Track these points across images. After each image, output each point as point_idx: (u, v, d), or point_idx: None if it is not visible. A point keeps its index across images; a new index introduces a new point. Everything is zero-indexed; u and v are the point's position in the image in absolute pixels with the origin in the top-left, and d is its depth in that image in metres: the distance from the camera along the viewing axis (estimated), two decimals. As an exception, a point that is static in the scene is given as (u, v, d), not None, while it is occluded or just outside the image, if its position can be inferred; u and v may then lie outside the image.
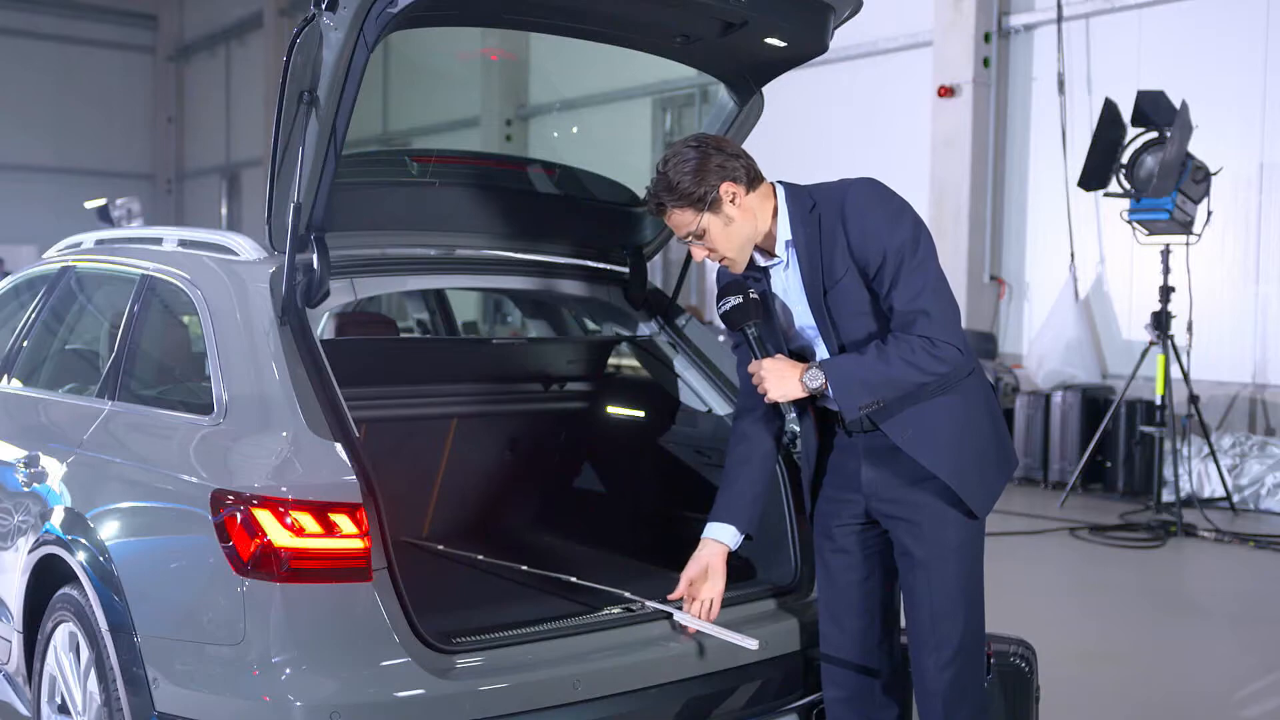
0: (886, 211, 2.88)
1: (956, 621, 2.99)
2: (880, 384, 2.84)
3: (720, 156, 2.89)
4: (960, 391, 2.96)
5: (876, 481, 3.02)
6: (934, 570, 2.98)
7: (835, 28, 3.41)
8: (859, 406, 2.88)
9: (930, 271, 2.86)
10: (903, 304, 2.84)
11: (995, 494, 3.04)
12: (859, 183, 2.96)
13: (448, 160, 3.77)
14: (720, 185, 2.87)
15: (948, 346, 2.82)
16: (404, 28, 3.03)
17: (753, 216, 2.93)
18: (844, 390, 2.86)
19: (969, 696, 3.03)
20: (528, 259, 3.78)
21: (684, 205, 2.88)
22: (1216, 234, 9.21)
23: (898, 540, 3.04)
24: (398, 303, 9.50)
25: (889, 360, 2.82)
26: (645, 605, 3.19)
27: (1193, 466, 8.71)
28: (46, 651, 3.33)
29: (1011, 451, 3.13)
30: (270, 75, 21.26)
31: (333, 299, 3.25)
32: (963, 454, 2.96)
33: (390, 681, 2.70)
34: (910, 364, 2.81)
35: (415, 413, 4.19)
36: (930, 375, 2.83)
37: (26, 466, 3.54)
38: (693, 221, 2.89)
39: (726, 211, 2.89)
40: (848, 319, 2.94)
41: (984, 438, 3.01)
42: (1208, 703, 4.80)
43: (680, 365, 3.95)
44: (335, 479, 2.74)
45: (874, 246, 2.85)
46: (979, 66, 11.05)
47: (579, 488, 4.51)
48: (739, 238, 2.93)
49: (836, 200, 2.92)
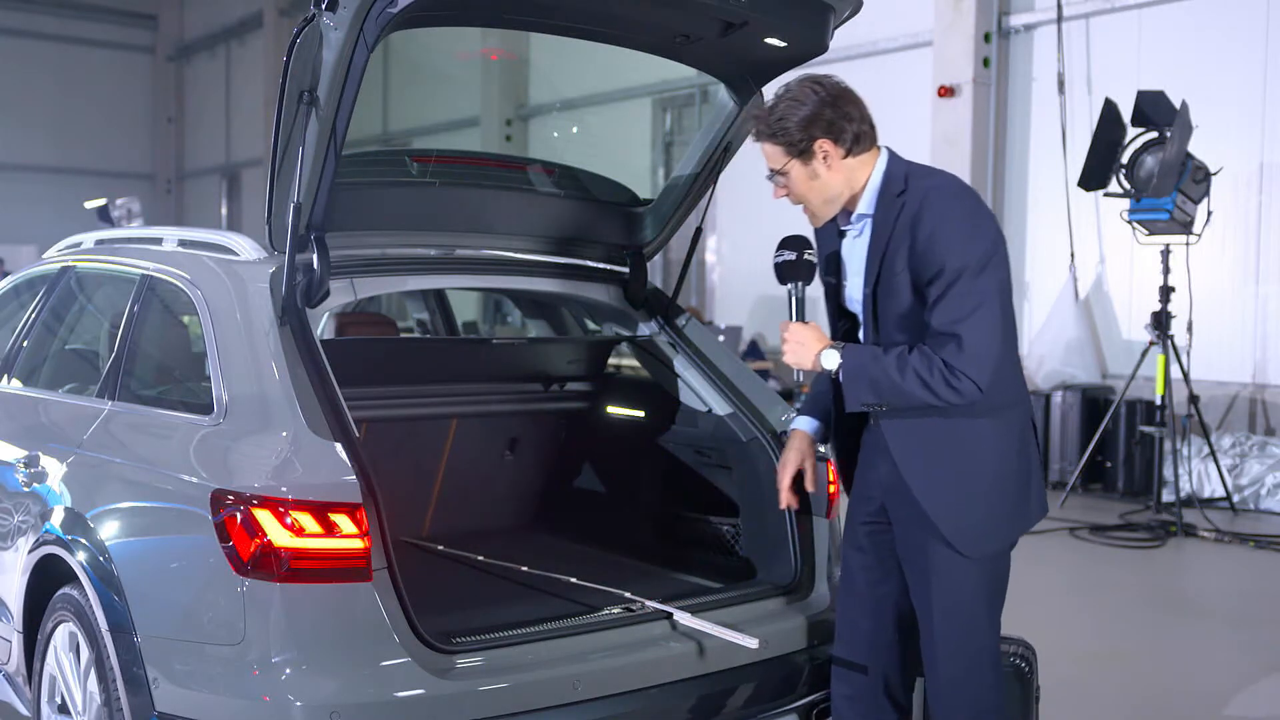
0: (962, 228, 2.80)
1: (952, 645, 2.93)
2: (888, 390, 2.81)
3: (834, 112, 2.85)
4: (982, 430, 2.87)
5: (893, 477, 2.96)
6: (935, 589, 2.91)
7: (835, 28, 3.41)
8: (861, 402, 2.86)
9: (983, 301, 2.76)
10: (939, 324, 2.77)
11: (999, 540, 2.93)
12: (949, 185, 2.89)
13: (448, 160, 3.77)
14: (818, 140, 2.85)
15: (966, 380, 2.73)
16: (404, 28, 3.03)
17: (843, 178, 2.90)
18: (852, 382, 2.84)
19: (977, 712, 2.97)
20: (528, 259, 3.78)
21: (778, 143, 2.88)
22: (1216, 234, 9.20)
23: (902, 545, 3.00)
24: (398, 303, 9.49)
25: (904, 371, 2.77)
26: (645, 605, 3.19)
27: (1193, 466, 8.70)
28: (46, 651, 3.33)
29: (1038, 504, 2.98)
30: (270, 75, 21.25)
31: (333, 299, 3.25)
32: (959, 490, 2.87)
33: (390, 681, 2.70)
34: (923, 383, 2.76)
35: (415, 413, 4.19)
36: (940, 400, 2.77)
37: (26, 466, 3.54)
38: (781, 161, 2.90)
39: (815, 166, 2.88)
40: (889, 315, 2.89)
41: (998, 482, 2.90)
42: (1208, 703, 4.79)
43: (680, 365, 3.95)
44: (335, 479, 2.74)
45: (935, 258, 2.77)
46: (979, 66, 11.04)
47: (579, 488, 4.51)
48: (822, 193, 2.92)
49: (921, 195, 2.84)
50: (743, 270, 13.72)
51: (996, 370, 2.78)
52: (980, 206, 2.87)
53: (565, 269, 3.87)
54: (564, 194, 3.91)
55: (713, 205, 4.09)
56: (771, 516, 3.56)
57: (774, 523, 3.56)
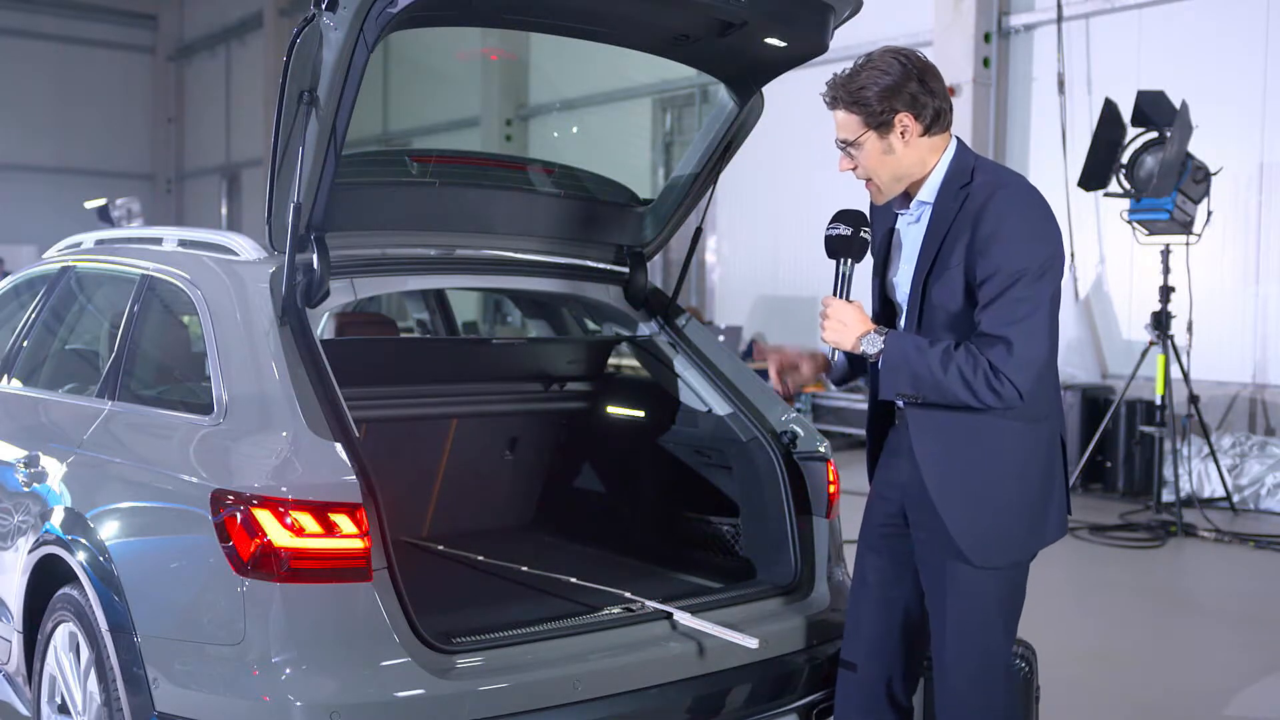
0: (1025, 230, 2.73)
1: (965, 658, 2.89)
2: (928, 384, 2.74)
3: (918, 87, 2.77)
4: (1012, 438, 2.81)
5: (914, 485, 2.91)
6: (948, 606, 2.87)
7: (835, 28, 3.41)
8: (897, 392, 2.80)
9: (1038, 308, 2.70)
10: (990, 325, 2.70)
11: (1011, 553, 2.87)
12: (1017, 187, 2.81)
13: (448, 160, 3.77)
14: (900, 114, 2.77)
15: (1009, 385, 2.67)
16: (404, 28, 3.03)
17: (917, 157, 2.82)
18: (891, 371, 2.78)
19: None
20: (527, 259, 3.78)
21: (856, 112, 2.79)
22: (1216, 234, 9.20)
23: (920, 549, 2.95)
24: (398, 303, 9.49)
25: (947, 368, 2.71)
26: (645, 605, 3.19)
27: (1193, 466, 8.70)
28: (46, 651, 3.33)
29: (1057, 522, 2.93)
30: (270, 75, 21.25)
31: (333, 299, 3.25)
32: (980, 495, 2.82)
33: (390, 681, 2.70)
34: (966, 383, 2.69)
35: (415, 413, 4.19)
36: (978, 402, 2.71)
37: (26, 466, 3.54)
38: (856, 131, 2.80)
39: (891, 140, 2.80)
40: (936, 310, 2.82)
41: (1016, 495, 2.85)
42: (1208, 703, 4.79)
43: (680, 365, 3.95)
44: (335, 479, 2.74)
45: (992, 258, 2.70)
46: (979, 66, 11.05)
47: (579, 488, 4.51)
48: (893, 169, 2.83)
49: (988, 191, 2.77)
50: (743, 270, 13.72)
51: (1039, 379, 2.74)
52: (1048, 213, 2.80)
53: (565, 269, 3.87)
54: (564, 194, 3.91)
55: (713, 205, 4.09)
56: (771, 516, 3.56)
57: (774, 523, 3.56)
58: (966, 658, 2.90)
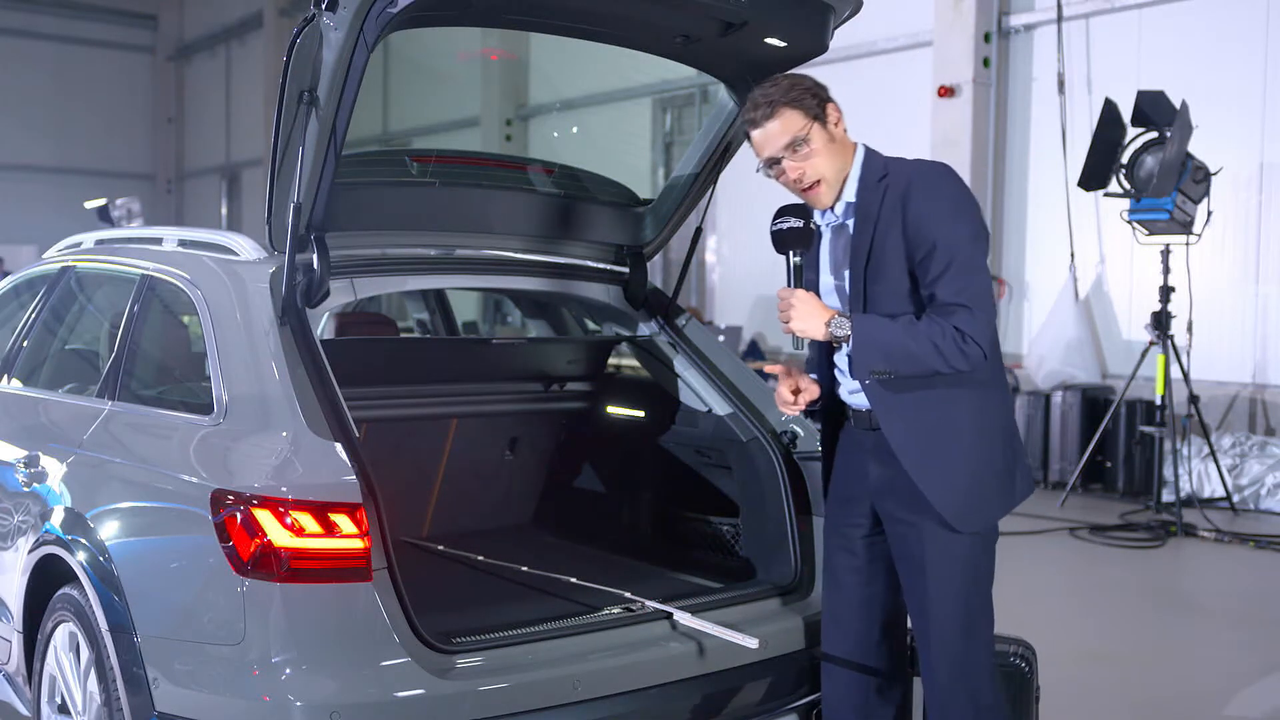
0: (953, 203, 2.88)
1: (955, 630, 2.96)
2: (900, 356, 2.83)
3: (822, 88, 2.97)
4: (971, 403, 2.92)
5: (882, 480, 3.01)
6: (930, 577, 2.95)
7: (835, 28, 3.41)
8: (871, 370, 2.87)
9: (981, 274, 2.85)
10: (946, 295, 2.82)
11: (988, 516, 2.98)
12: (933, 166, 2.97)
13: (448, 160, 3.77)
14: (829, 103, 2.95)
15: (976, 346, 2.80)
16: (404, 28, 3.03)
17: (847, 152, 2.98)
18: (863, 349, 2.86)
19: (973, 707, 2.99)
20: (527, 259, 3.78)
21: (797, 108, 2.91)
22: (1216, 234, 9.20)
23: (897, 543, 3.03)
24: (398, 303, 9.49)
25: (916, 336, 2.81)
26: (645, 605, 3.19)
27: (1193, 466, 8.71)
28: (46, 651, 3.33)
29: (1024, 481, 3.05)
30: (270, 75, 21.26)
31: (333, 299, 3.25)
32: (952, 466, 2.92)
33: (390, 681, 2.70)
34: (936, 348, 2.79)
35: (415, 413, 4.19)
36: (949, 366, 2.82)
37: (27, 466, 3.54)
38: (802, 127, 2.91)
39: (830, 129, 2.94)
40: (879, 295, 2.92)
41: (985, 457, 2.95)
42: (1208, 703, 4.79)
43: (680, 365, 3.95)
44: (335, 479, 2.74)
45: (927, 233, 2.84)
46: (979, 66, 11.04)
47: (579, 488, 4.51)
48: (838, 161, 2.96)
49: (906, 178, 2.91)
50: (743, 270, 13.72)
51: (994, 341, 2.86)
52: (966, 187, 2.93)
53: (565, 269, 3.87)
54: (564, 194, 3.91)
55: (713, 205, 4.09)
56: (771, 516, 3.56)
57: (774, 523, 3.56)
58: (953, 636, 2.96)
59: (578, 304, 4.22)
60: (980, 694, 2.99)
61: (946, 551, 2.94)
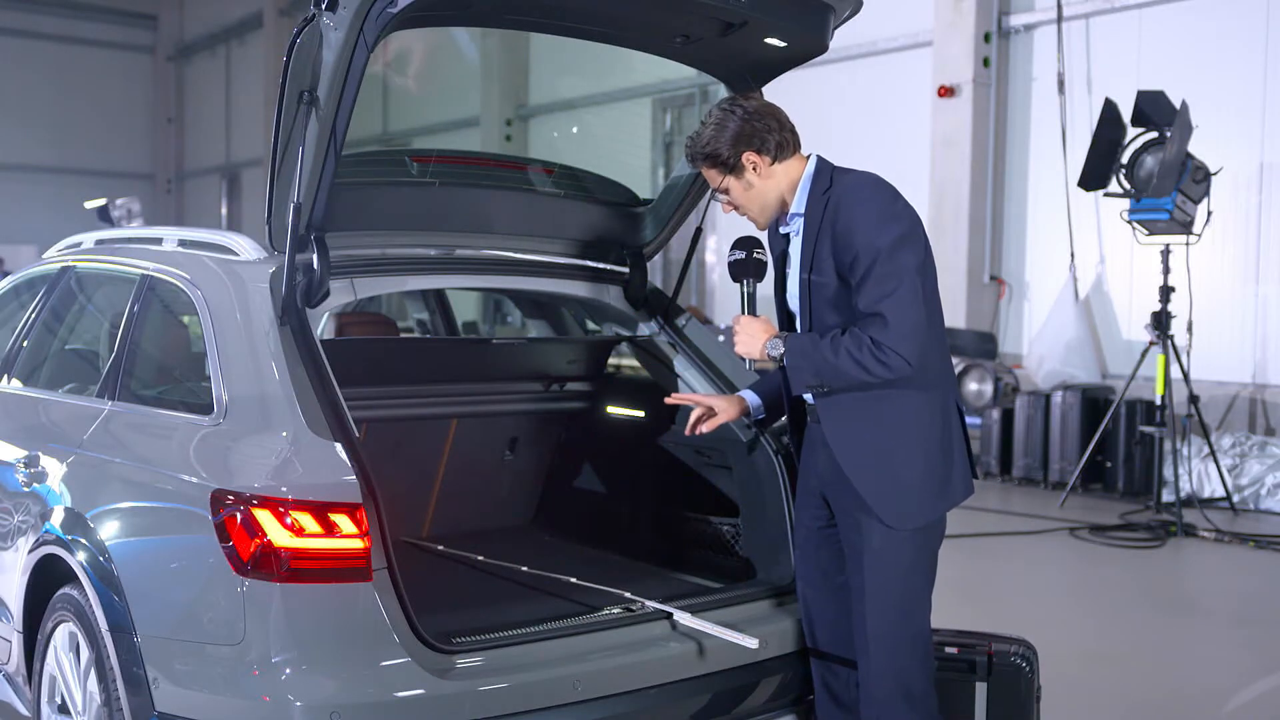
0: (877, 212, 2.98)
1: (890, 620, 3.04)
2: (826, 371, 2.97)
3: (753, 127, 3.08)
4: (905, 408, 3.02)
5: (830, 473, 3.11)
6: (868, 568, 3.04)
7: (835, 28, 3.42)
8: (804, 384, 3.03)
9: (903, 280, 2.92)
10: (864, 305, 2.95)
11: (924, 515, 3.05)
12: (862, 178, 3.07)
13: (448, 160, 3.77)
14: (744, 154, 3.08)
15: (894, 355, 2.89)
16: (404, 28, 3.03)
17: (774, 184, 3.13)
18: (795, 367, 3.02)
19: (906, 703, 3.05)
20: (528, 259, 3.78)
21: (712, 165, 3.12)
22: (1216, 234, 9.20)
23: (843, 533, 3.12)
24: (398, 303, 9.49)
25: (838, 352, 2.94)
26: (645, 605, 3.19)
27: (1193, 466, 8.71)
28: (46, 651, 3.33)
29: (962, 482, 3.12)
30: (270, 75, 21.27)
31: (333, 299, 3.25)
32: (885, 468, 3.02)
33: (390, 681, 2.70)
34: (855, 361, 2.92)
35: (415, 413, 4.19)
36: (872, 376, 2.93)
37: (27, 466, 3.54)
38: (717, 180, 3.15)
39: (748, 178, 3.11)
40: (821, 304, 3.07)
41: (919, 460, 3.03)
42: (1208, 703, 4.79)
43: (680, 365, 3.95)
44: (335, 479, 2.74)
45: (851, 245, 2.96)
46: (979, 66, 11.05)
47: (579, 488, 4.51)
48: (759, 201, 3.15)
49: (840, 190, 3.05)
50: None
51: (924, 346, 2.93)
52: (895, 194, 3.04)
53: (565, 269, 3.87)
54: (564, 194, 3.91)
55: (713, 205, 4.09)
56: (771, 517, 3.57)
57: (773, 523, 3.56)
58: (888, 627, 3.04)
59: (578, 304, 4.22)
60: (911, 683, 3.06)
61: (884, 545, 3.03)
